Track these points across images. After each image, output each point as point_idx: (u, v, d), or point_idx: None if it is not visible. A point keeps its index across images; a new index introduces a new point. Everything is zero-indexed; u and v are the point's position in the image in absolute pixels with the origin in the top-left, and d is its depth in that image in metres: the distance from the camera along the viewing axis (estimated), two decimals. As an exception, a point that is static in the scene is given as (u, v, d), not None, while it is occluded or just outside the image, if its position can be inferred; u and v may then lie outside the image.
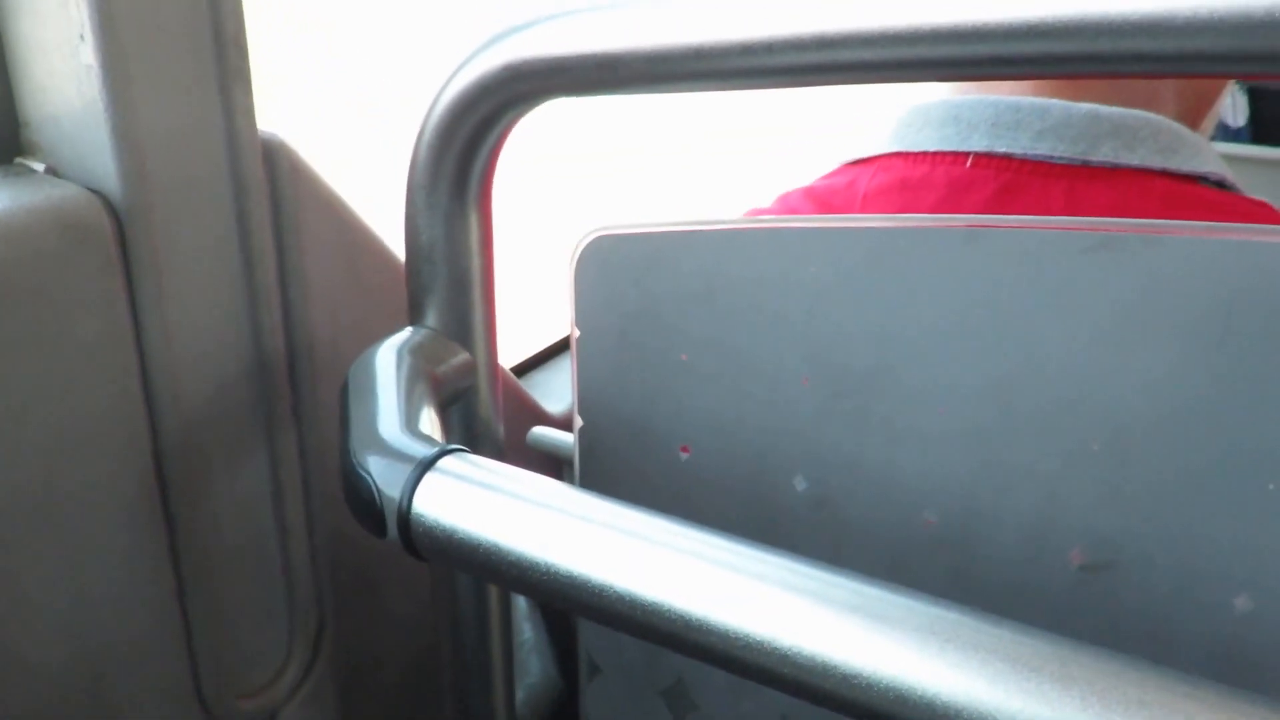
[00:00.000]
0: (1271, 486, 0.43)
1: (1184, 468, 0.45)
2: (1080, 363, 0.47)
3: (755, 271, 0.54)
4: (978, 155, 0.65)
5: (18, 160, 0.62)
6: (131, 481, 0.64)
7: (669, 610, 0.42)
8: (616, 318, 0.60)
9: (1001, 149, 0.64)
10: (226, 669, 0.73)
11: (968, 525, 0.52)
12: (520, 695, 0.83)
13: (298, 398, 0.72)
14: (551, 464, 0.86)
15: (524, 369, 1.10)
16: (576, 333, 0.62)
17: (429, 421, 0.57)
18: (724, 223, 0.55)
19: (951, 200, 0.65)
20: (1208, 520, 0.45)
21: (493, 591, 0.75)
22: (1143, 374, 0.46)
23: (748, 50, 0.49)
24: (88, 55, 0.57)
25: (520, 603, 0.96)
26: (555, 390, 1.04)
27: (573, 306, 0.61)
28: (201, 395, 0.66)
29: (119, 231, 0.59)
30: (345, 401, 0.57)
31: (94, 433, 0.61)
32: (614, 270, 0.59)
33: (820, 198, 0.71)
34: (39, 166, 0.61)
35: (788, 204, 0.74)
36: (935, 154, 0.66)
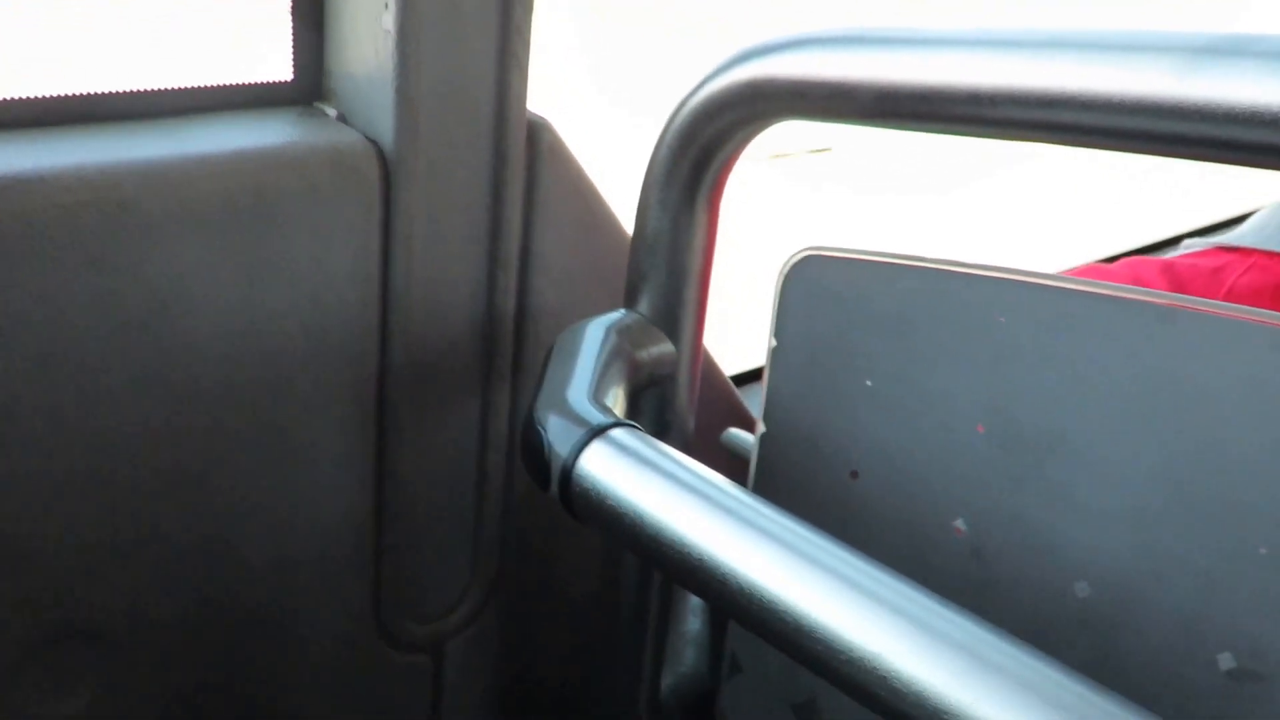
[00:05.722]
0: None
1: (1352, 592, 0.43)
2: (1262, 461, 0.45)
3: (951, 312, 0.55)
4: None
5: (316, 104, 0.71)
6: (353, 405, 0.71)
7: (809, 627, 0.42)
8: (812, 334, 0.62)
9: None
10: (407, 593, 0.79)
11: (1119, 606, 0.51)
12: (668, 681, 0.86)
13: (518, 358, 0.78)
14: (741, 467, 0.89)
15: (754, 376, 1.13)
16: (773, 343, 0.64)
17: (617, 398, 0.61)
18: (929, 260, 0.56)
19: None
20: (1368, 651, 0.42)
21: (656, 580, 0.79)
22: (1324, 486, 0.44)
23: (995, 99, 0.50)
24: (388, 22, 0.64)
25: (691, 597, 0.99)
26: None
27: (774, 317, 0.64)
28: (431, 338, 0.73)
29: (386, 179, 0.67)
30: (545, 364, 0.62)
31: (328, 353, 0.69)
32: (818, 289, 0.61)
33: (1179, 277, 0.67)
34: (331, 112, 0.70)
35: (1136, 272, 0.70)
36: None
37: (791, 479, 0.65)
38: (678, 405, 0.71)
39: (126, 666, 0.67)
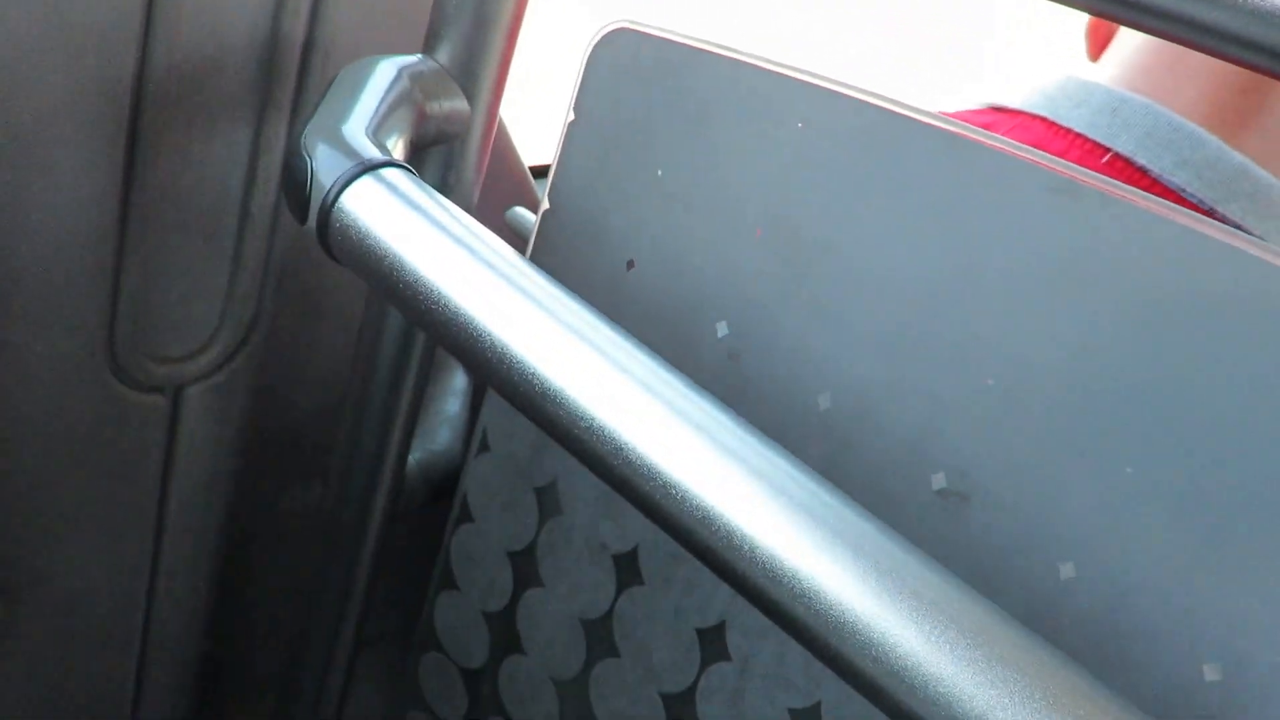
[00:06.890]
0: (1129, 470, 0.44)
1: (1063, 430, 0.46)
2: (1007, 297, 0.47)
3: (751, 110, 0.54)
4: (1116, 156, 0.64)
5: None
6: (103, 108, 0.63)
7: (554, 392, 0.42)
8: (612, 114, 0.60)
9: (1141, 160, 0.63)
10: (145, 327, 0.74)
11: (855, 420, 0.53)
12: (415, 456, 0.85)
13: (300, 92, 0.72)
14: (521, 248, 0.87)
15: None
16: (571, 116, 0.62)
17: (397, 145, 0.57)
18: (742, 54, 0.55)
19: None
20: (1063, 485, 0.46)
21: (418, 344, 0.77)
22: (1061, 327, 0.46)
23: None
24: None
25: (457, 381, 0.98)
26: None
27: (575, 90, 0.61)
28: (202, 50, 0.66)
29: None
30: (324, 95, 0.57)
31: (77, 42, 0.60)
32: (624, 67, 0.59)
33: None
34: None
35: None
36: (1078, 135, 0.65)
37: (568, 261, 0.64)
38: (463, 168, 0.67)
39: None
